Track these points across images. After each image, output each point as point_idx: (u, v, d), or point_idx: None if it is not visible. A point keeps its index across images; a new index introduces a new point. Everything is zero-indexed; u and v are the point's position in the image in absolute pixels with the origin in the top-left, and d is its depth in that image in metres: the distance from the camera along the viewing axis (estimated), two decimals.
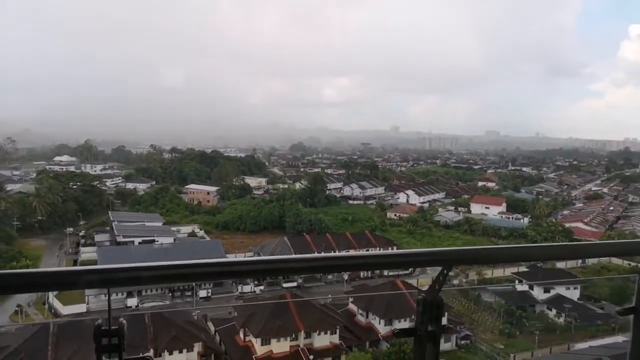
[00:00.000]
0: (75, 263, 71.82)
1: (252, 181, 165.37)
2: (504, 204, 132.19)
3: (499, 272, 76.02)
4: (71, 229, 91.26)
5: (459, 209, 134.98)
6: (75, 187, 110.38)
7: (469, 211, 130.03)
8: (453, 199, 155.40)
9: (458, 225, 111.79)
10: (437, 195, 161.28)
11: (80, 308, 54.99)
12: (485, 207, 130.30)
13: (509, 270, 75.99)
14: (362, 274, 73.28)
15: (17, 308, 52.97)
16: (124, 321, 1.77)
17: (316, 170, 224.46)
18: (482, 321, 55.66)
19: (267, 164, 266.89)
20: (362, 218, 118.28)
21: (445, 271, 2.31)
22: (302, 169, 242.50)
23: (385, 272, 74.48)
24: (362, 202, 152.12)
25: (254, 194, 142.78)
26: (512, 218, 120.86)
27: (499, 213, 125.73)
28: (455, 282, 69.83)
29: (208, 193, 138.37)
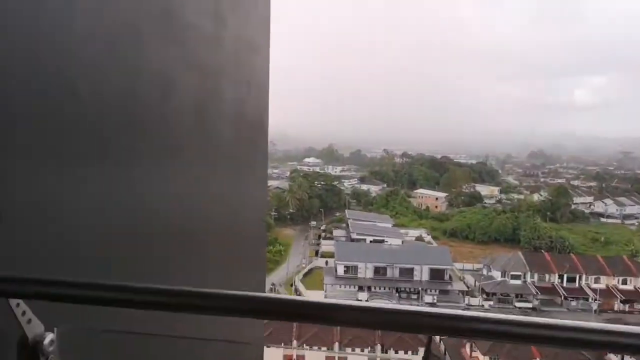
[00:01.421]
0: (316, 253, 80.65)
1: (483, 189, 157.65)
2: None
3: None
4: (314, 223, 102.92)
5: None
6: (319, 185, 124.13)
7: None
8: None
9: None
10: None
11: (319, 294, 61.38)
12: None
13: None
14: (616, 306, 61.99)
15: (271, 286, 62.48)
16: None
17: (559, 181, 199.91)
18: None
19: (500, 171, 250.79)
20: (619, 240, 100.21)
21: None
22: (541, 179, 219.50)
23: None
24: (619, 221, 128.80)
25: (485, 202, 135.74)
26: None
27: None
28: None
29: (436, 199, 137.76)
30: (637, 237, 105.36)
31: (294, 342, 38.36)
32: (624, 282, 63.71)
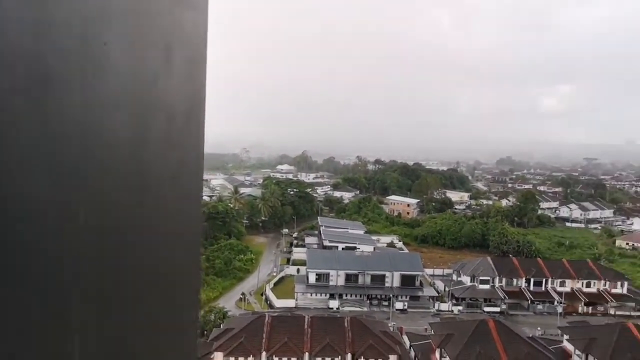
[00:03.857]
0: (288, 261, 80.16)
1: (453, 195, 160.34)
2: None
3: None
4: (286, 230, 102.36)
5: None
6: (292, 193, 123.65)
7: None
8: None
9: None
10: None
11: (290, 303, 60.93)
12: None
13: None
14: (580, 308, 63.67)
15: (241, 296, 61.66)
16: None
17: (526, 186, 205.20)
18: None
19: (470, 178, 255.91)
20: (583, 244, 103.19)
21: None
22: (509, 185, 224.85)
23: (612, 312, 63.16)
24: (582, 225, 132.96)
25: (455, 208, 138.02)
26: None
27: None
28: None
29: (408, 205, 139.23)
30: (600, 241, 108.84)
31: (263, 354, 37.84)
32: (588, 285, 65.53)
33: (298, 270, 72.77)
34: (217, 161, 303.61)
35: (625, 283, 66.38)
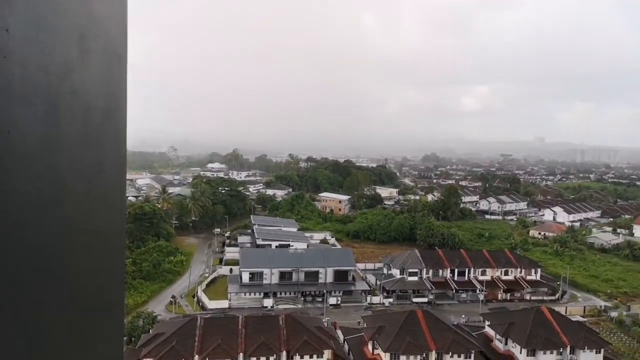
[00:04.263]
0: (221, 261, 78.59)
1: (383, 191, 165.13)
2: None
3: None
4: (218, 230, 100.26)
5: (619, 230, 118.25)
6: (223, 191, 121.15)
7: (632, 234, 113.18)
8: (610, 219, 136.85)
9: (617, 249, 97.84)
10: (590, 214, 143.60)
11: (223, 304, 59.76)
12: None
13: None
14: (499, 295, 68.11)
15: (171, 299, 59.54)
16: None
17: (450, 181, 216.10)
18: None
19: (398, 174, 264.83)
20: (500, 235, 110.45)
21: None
22: (434, 180, 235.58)
23: (528, 297, 68.21)
24: (500, 217, 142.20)
25: (385, 204, 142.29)
26: None
27: None
28: (614, 314, 60.90)
29: (340, 201, 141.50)
30: (516, 231, 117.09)
31: (196, 357, 36.79)
32: (506, 273, 70.27)
33: (231, 270, 71.61)
34: (143, 160, 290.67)
35: (539, 270, 71.93)
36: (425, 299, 65.25)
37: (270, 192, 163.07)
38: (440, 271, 68.68)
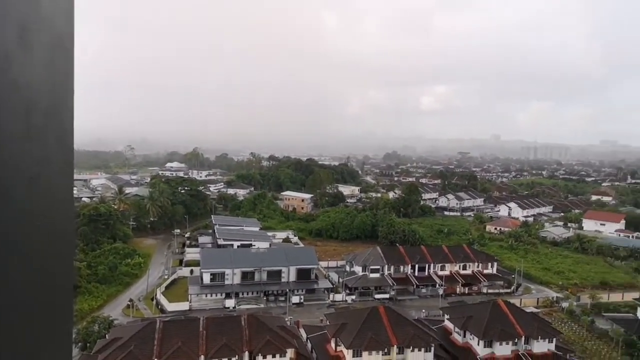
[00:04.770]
0: (181, 263, 76.92)
1: (345, 189, 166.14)
2: (623, 221, 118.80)
3: (616, 297, 68.01)
4: (178, 231, 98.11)
5: (569, 224, 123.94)
6: (183, 191, 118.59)
7: (581, 227, 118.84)
8: (562, 214, 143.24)
9: (568, 242, 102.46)
10: (543, 209, 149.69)
11: (184, 306, 58.49)
12: (600, 224, 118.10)
13: (630, 295, 67.68)
14: (458, 289, 69.89)
15: (129, 302, 57.76)
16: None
17: (410, 179, 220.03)
18: (596, 351, 49.91)
19: (360, 172, 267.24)
20: (459, 230, 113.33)
21: None
22: (395, 178, 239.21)
23: (485, 290, 70.30)
24: (458, 213, 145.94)
25: (347, 202, 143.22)
26: (633, 237, 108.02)
27: (616, 231, 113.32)
28: (565, 305, 63.68)
29: (302, 200, 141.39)
30: (474, 227, 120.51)
31: None
32: (464, 268, 72.18)
33: (191, 272, 70.25)
34: (98, 159, 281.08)
35: (495, 264, 74.28)
36: (387, 295, 66.13)
37: (231, 191, 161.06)
38: (402, 267, 69.78)
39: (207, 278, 62.49)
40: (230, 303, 60.22)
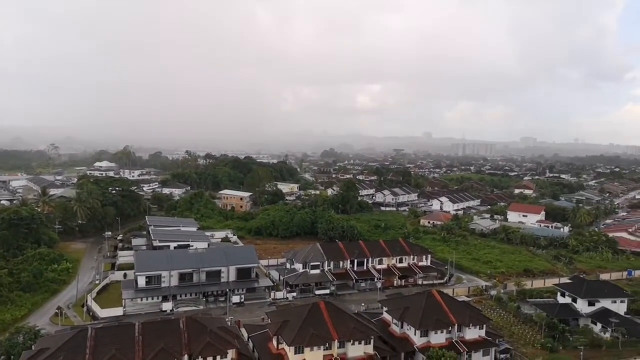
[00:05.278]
0: (113, 267, 73.42)
1: (284, 187, 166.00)
2: (543, 212, 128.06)
3: (539, 283, 73.23)
4: (109, 233, 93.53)
5: (495, 216, 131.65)
6: (114, 192, 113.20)
7: (506, 219, 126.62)
8: (488, 207, 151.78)
9: (494, 233, 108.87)
10: (471, 203, 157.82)
11: (118, 311, 55.92)
12: (523, 215, 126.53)
13: (550, 281, 73.14)
14: (395, 282, 72.11)
15: (57, 310, 54.33)
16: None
17: (348, 176, 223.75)
18: (522, 334, 53.52)
19: (298, 170, 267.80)
20: (395, 225, 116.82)
21: None
22: (333, 175, 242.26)
23: (420, 282, 73.04)
24: (394, 208, 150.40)
25: (286, 199, 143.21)
26: (552, 227, 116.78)
27: (537, 221, 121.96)
28: (493, 292, 67.64)
29: (241, 198, 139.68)
30: (409, 221, 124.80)
31: None
32: (400, 261, 74.56)
33: (125, 275, 67.36)
34: (18, 159, 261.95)
35: (429, 256, 77.36)
36: (327, 291, 66.93)
37: (166, 190, 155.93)
38: (341, 263, 70.89)
39: (142, 281, 60.12)
40: (167, 306, 58.32)
